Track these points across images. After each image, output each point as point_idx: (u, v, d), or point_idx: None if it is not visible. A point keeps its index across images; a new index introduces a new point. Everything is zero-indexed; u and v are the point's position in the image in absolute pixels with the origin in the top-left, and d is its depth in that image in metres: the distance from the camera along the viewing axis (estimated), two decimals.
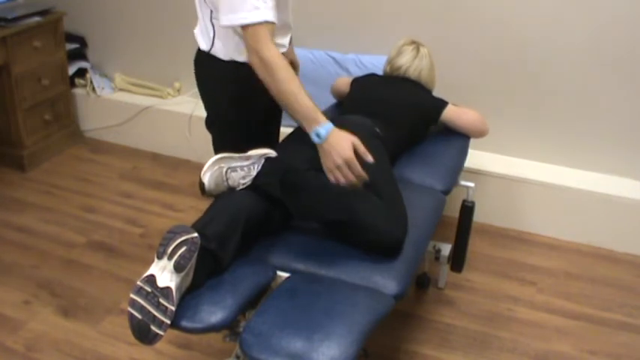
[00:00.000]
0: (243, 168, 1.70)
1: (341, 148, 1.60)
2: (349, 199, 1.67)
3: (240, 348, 1.39)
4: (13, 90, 3.11)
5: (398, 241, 1.67)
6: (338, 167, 1.60)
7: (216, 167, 1.68)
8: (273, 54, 1.63)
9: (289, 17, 1.94)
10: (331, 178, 1.64)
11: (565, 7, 2.59)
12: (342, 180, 1.62)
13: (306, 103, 1.62)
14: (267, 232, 1.73)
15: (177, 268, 1.38)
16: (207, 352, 2.12)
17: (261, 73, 1.65)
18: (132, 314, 1.37)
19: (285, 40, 1.96)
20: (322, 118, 1.62)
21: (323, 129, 1.61)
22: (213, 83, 1.96)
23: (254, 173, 1.69)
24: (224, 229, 1.56)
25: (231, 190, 1.71)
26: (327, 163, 1.63)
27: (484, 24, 2.73)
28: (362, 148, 1.63)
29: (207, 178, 1.67)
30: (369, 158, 1.63)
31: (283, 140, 2.01)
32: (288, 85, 1.63)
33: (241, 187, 1.70)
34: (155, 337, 1.37)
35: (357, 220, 1.66)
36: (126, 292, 1.39)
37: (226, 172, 1.69)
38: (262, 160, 1.72)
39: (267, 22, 1.65)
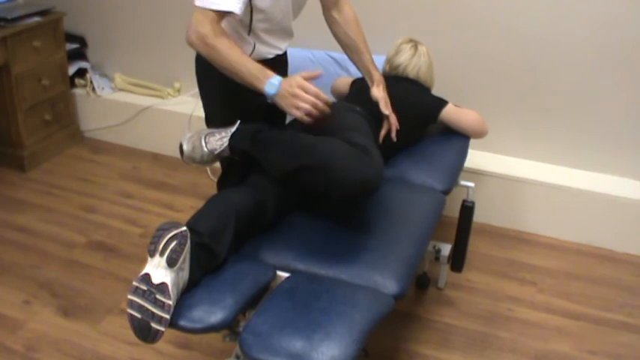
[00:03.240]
0: (221, 132, 1.84)
1: (293, 81, 1.66)
2: (317, 143, 1.67)
3: (240, 348, 1.39)
4: (13, 90, 3.11)
5: (369, 180, 1.61)
6: (297, 97, 1.64)
7: (195, 134, 1.84)
8: (209, 31, 1.66)
9: (290, 24, 1.95)
10: (296, 114, 1.66)
11: (566, 7, 2.59)
12: (306, 107, 1.64)
13: (252, 65, 1.68)
14: (260, 226, 1.74)
15: (170, 262, 1.39)
16: (207, 352, 2.12)
17: (202, 50, 1.69)
18: (131, 315, 1.37)
19: (282, 45, 1.99)
20: (271, 73, 1.68)
21: (275, 80, 1.67)
22: (205, 80, 2.00)
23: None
24: (216, 223, 1.57)
25: (211, 153, 1.82)
26: (287, 105, 1.66)
27: (484, 24, 2.73)
28: (308, 73, 1.70)
29: (185, 141, 1.84)
30: (315, 74, 1.71)
31: None
32: (231, 55, 1.68)
33: (219, 149, 1.81)
34: (157, 334, 1.37)
35: (326, 162, 1.61)
36: (126, 292, 1.39)
37: (205, 137, 1.83)
38: (237, 124, 1.84)
39: (228, 12, 1.69)
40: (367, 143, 1.74)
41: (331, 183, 1.62)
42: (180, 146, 1.84)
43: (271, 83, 1.67)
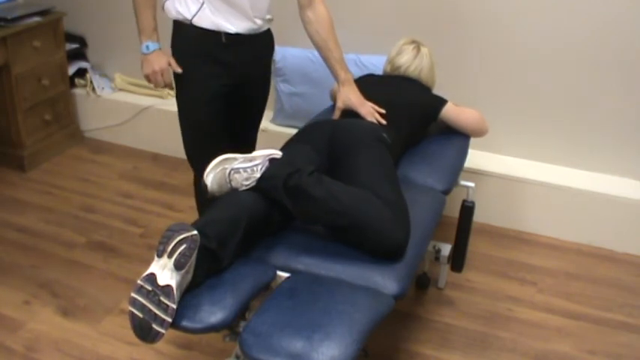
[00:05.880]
0: (247, 169, 1.69)
1: (159, 60, 2.02)
2: (352, 204, 1.67)
3: (240, 348, 1.39)
4: (13, 90, 3.11)
5: (400, 244, 1.67)
6: (154, 73, 2.02)
7: (219, 169, 1.69)
8: None
9: (244, 4, 1.97)
10: (147, 81, 2.06)
11: (566, 7, 2.59)
12: (152, 85, 2.06)
13: (149, 21, 2.00)
14: (269, 232, 1.73)
15: (178, 266, 1.39)
16: (207, 352, 2.12)
17: None
18: (133, 313, 1.37)
19: (237, 22, 2.00)
20: (155, 38, 2.02)
21: (152, 45, 2.02)
22: (177, 62, 2.10)
23: (257, 175, 1.68)
24: (225, 229, 1.56)
25: (235, 189, 1.71)
26: (146, 69, 2.04)
27: (484, 24, 2.73)
28: (174, 64, 2.04)
29: (209, 179, 1.68)
30: (178, 69, 2.04)
31: (287, 141, 2.01)
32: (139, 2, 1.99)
33: (244, 188, 1.69)
34: (157, 336, 1.37)
35: (360, 225, 1.66)
36: (126, 292, 1.39)
37: (229, 173, 1.69)
38: (266, 162, 1.70)
39: None
40: (395, 193, 1.77)
41: (366, 244, 1.67)
42: (204, 185, 1.70)
43: (147, 45, 2.01)
